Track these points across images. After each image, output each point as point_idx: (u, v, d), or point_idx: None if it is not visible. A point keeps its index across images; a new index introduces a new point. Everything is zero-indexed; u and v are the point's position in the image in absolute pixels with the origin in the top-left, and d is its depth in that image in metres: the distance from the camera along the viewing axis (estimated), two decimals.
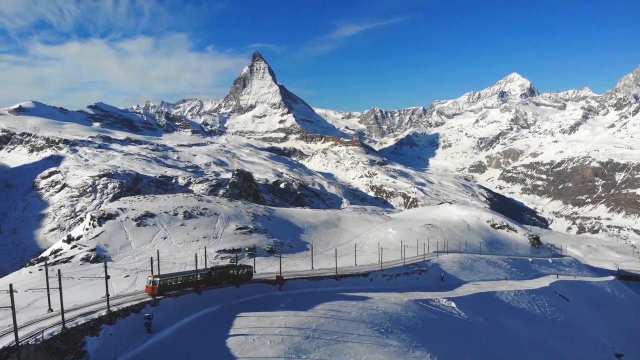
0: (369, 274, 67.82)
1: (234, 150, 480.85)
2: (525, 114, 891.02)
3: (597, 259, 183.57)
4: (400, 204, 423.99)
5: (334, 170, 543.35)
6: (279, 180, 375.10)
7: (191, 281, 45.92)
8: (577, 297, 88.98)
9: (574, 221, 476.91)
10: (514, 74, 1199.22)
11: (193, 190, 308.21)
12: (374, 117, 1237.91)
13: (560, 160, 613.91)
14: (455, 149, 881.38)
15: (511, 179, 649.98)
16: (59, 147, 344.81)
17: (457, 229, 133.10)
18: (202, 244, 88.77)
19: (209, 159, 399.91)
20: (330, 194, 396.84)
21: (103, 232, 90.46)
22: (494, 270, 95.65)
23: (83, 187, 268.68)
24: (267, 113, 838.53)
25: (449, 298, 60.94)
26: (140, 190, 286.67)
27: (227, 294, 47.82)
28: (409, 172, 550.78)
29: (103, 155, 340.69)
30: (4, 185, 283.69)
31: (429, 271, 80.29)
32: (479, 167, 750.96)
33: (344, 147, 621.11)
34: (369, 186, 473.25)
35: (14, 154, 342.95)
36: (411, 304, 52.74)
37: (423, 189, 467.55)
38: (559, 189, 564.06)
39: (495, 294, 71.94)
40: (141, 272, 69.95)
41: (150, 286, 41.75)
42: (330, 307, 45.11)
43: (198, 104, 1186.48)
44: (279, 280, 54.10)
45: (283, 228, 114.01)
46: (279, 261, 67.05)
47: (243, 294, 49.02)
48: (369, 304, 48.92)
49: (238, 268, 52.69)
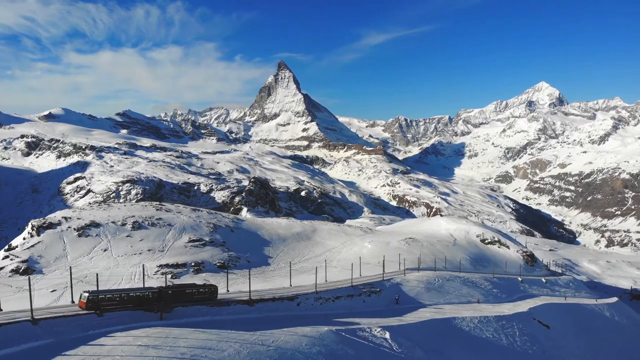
0: (296, 298, 57.81)
1: (256, 158, 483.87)
2: (553, 123, 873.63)
3: (615, 276, 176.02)
4: (423, 213, 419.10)
5: (356, 179, 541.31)
6: (299, 188, 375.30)
7: (131, 299, 42.67)
8: (565, 323, 78.44)
9: (603, 234, 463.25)
10: (543, 83, 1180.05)
11: (215, 197, 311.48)
12: (398, 125, 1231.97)
13: (589, 171, 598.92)
14: (482, 158, 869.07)
15: (538, 190, 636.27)
16: (85, 153, 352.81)
17: (441, 244, 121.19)
18: (145, 258, 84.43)
19: (231, 167, 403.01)
20: (351, 203, 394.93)
21: (40, 242, 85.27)
22: (468, 291, 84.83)
23: (107, 193, 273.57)
24: (290, 121, 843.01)
25: (386, 327, 51.47)
26: (162, 196, 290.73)
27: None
28: (432, 181, 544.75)
29: (128, 161, 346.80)
30: (31, 190, 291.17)
31: (383, 292, 70.58)
32: (506, 178, 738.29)
33: (366, 156, 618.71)
34: (391, 195, 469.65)
35: (42, 160, 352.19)
36: (327, 336, 43.76)
37: (447, 199, 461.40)
38: (587, 201, 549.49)
39: (454, 320, 61.94)
40: (69, 288, 66.24)
41: (82, 301, 40.88)
42: (201, 344, 35.88)
43: (224, 112, 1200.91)
44: (160, 306, 44.24)
45: (246, 241, 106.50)
46: (226, 278, 62.61)
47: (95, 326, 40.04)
48: (263, 338, 39.41)
49: (198, 287, 49.24)
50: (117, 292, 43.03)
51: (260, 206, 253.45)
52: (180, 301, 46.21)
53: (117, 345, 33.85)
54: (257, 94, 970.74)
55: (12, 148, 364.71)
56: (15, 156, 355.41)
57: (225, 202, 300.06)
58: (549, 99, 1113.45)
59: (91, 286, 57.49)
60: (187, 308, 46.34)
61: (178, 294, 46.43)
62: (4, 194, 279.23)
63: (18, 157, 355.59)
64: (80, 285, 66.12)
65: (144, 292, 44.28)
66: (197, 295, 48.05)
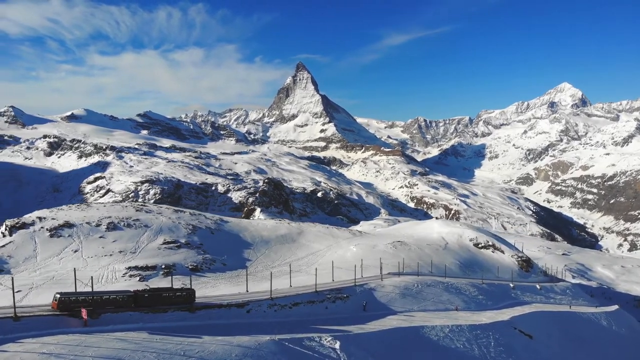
0: (247, 304, 53.65)
1: (274, 158, 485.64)
2: (576, 125, 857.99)
3: (630, 281, 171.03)
4: (441, 215, 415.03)
5: (374, 180, 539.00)
6: (316, 189, 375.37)
7: (105, 302, 42.61)
8: (551, 333, 74.06)
9: (625, 237, 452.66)
10: (565, 84, 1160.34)
11: (232, 198, 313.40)
12: (417, 126, 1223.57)
13: (612, 173, 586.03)
14: (502, 160, 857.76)
15: (560, 193, 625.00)
16: (106, 153, 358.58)
17: (430, 248, 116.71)
18: (115, 259, 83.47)
19: (249, 167, 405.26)
20: (368, 204, 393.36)
21: (11, 242, 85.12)
22: (448, 298, 79.59)
23: (126, 193, 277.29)
24: (308, 122, 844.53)
25: (338, 336, 47.44)
26: (181, 196, 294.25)
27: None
28: (452, 183, 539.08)
29: (147, 162, 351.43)
30: (52, 190, 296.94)
31: (351, 298, 65.79)
32: (527, 180, 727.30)
33: (384, 157, 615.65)
34: (408, 197, 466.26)
35: (64, 160, 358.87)
36: (266, 346, 39.94)
37: (466, 201, 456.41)
38: (610, 204, 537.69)
39: (422, 329, 57.40)
40: (35, 288, 64.72)
41: (54, 302, 41.38)
42: (111, 354, 33.12)
43: (243, 114, 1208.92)
44: (88, 312, 40.77)
45: (225, 243, 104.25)
46: (189, 280, 60.80)
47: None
48: (188, 348, 36.08)
49: (175, 290, 48.51)
50: (91, 295, 42.89)
51: (274, 207, 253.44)
52: (156, 305, 45.31)
53: (19, 352, 31.56)
54: (276, 95, 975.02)
55: (34, 148, 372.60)
56: (38, 156, 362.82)
57: (242, 202, 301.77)
58: (572, 99, 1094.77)
59: (61, 287, 57.34)
60: (117, 314, 42.97)
61: (154, 298, 45.77)
62: (26, 194, 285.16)
63: (40, 157, 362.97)
64: (47, 285, 66.44)
65: (118, 295, 44.09)
66: (174, 298, 47.15)
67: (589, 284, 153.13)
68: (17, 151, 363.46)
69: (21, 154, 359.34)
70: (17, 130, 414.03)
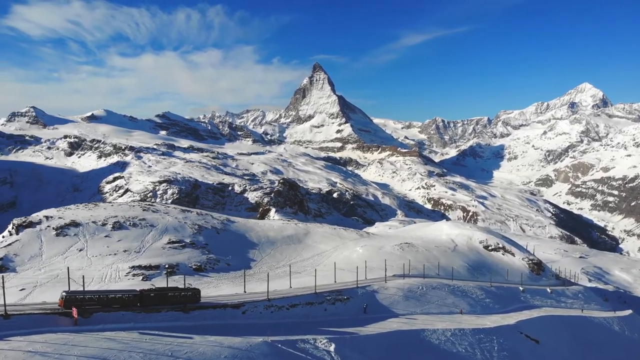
0: (243, 305, 52.92)
1: (290, 159, 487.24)
2: (596, 126, 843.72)
3: None
4: (459, 217, 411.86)
5: (390, 181, 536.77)
6: (332, 190, 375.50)
7: (111, 300, 43.24)
8: (560, 337, 72.02)
9: None
10: (586, 84, 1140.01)
11: (248, 198, 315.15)
12: (435, 127, 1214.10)
13: (633, 175, 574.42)
14: (521, 161, 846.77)
15: (580, 194, 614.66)
16: (125, 153, 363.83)
17: (438, 250, 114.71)
18: (119, 258, 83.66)
19: (265, 168, 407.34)
20: (384, 205, 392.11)
21: (17, 240, 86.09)
22: (453, 301, 77.71)
23: (144, 193, 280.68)
24: (324, 123, 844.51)
25: (334, 338, 46.25)
26: (198, 196, 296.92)
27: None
28: (470, 184, 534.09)
29: (165, 162, 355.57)
30: (72, 189, 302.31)
31: (351, 300, 64.56)
32: (546, 181, 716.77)
33: (401, 158, 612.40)
34: (425, 198, 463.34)
35: (84, 160, 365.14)
36: (258, 348, 39.36)
37: (484, 202, 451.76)
38: (631, 206, 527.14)
39: (423, 332, 56.07)
40: (40, 286, 65.48)
41: (61, 300, 41.90)
42: (97, 353, 32.79)
43: (260, 114, 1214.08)
44: (79, 311, 40.73)
45: (231, 243, 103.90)
46: (183, 281, 60.68)
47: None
48: (177, 348, 35.68)
49: (180, 290, 48.97)
50: (97, 293, 43.58)
51: (289, 207, 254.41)
52: (161, 304, 45.80)
53: (4, 350, 31.49)
54: (293, 95, 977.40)
55: (55, 148, 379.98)
56: (59, 156, 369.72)
57: (258, 202, 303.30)
58: (592, 100, 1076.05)
59: (64, 286, 57.76)
60: (109, 314, 42.74)
61: (160, 297, 46.26)
62: (47, 193, 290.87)
63: (61, 157, 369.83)
64: (51, 284, 67.12)
65: (124, 294, 44.59)
66: (180, 298, 47.48)
67: (605, 287, 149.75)
68: (38, 151, 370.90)
69: (42, 154, 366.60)
70: (38, 131, 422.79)
